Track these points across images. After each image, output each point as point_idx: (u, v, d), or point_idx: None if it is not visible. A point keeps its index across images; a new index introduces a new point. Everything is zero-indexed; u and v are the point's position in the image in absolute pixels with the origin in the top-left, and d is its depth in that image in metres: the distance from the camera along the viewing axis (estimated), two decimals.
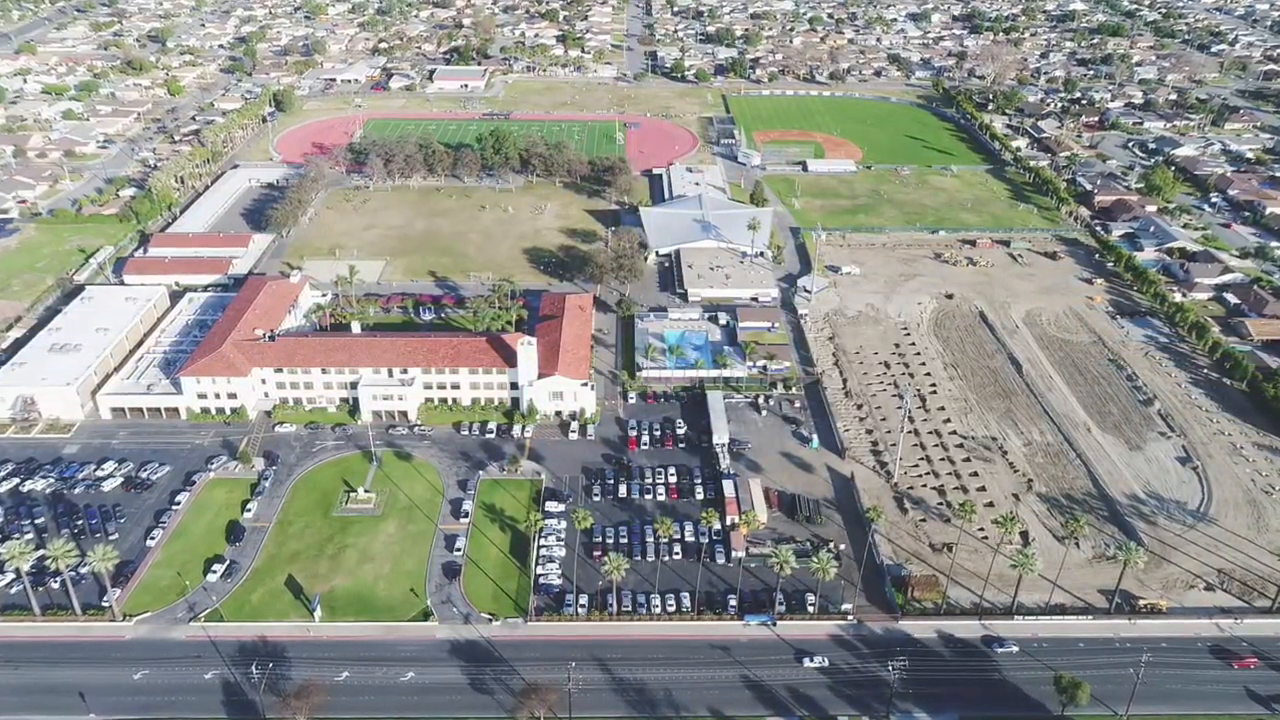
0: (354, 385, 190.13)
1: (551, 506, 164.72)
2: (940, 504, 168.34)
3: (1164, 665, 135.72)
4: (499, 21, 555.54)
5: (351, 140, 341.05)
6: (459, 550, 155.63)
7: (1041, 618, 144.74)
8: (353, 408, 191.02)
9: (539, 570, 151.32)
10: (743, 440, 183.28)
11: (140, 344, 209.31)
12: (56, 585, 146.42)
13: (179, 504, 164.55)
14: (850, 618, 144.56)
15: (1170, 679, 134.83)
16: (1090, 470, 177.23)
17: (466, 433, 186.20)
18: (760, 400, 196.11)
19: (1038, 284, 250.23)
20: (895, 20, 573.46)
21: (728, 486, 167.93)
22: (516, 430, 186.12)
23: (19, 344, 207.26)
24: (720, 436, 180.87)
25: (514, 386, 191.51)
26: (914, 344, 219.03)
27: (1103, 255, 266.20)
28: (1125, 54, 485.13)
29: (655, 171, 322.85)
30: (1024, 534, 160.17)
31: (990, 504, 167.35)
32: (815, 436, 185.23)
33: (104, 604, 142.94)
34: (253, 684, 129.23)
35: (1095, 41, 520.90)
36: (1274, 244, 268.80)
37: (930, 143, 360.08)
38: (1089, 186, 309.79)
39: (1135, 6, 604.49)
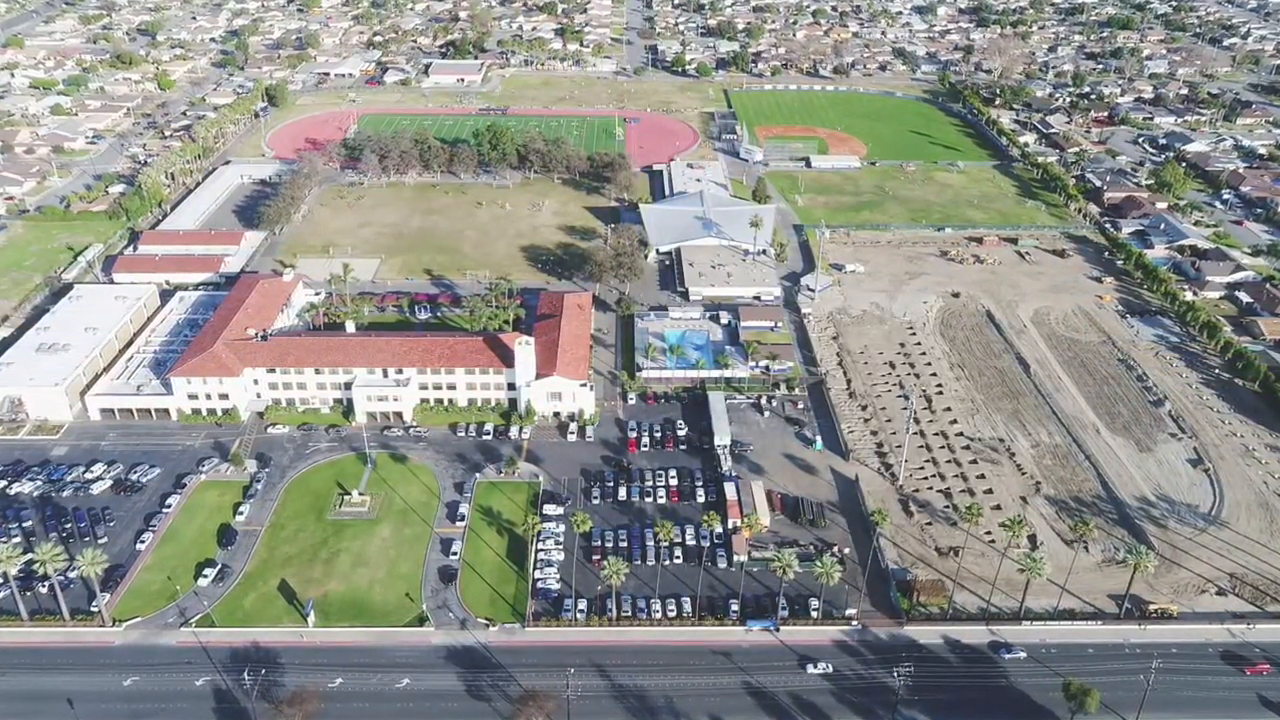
0: (348, 386, 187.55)
1: (550, 509, 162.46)
2: (946, 507, 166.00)
3: (1175, 671, 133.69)
4: (496, 15, 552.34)
5: (345, 136, 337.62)
6: (455, 554, 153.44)
7: (1050, 623, 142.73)
8: (347, 409, 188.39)
9: (537, 574, 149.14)
10: (745, 442, 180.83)
11: (130, 344, 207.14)
12: (44, 590, 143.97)
13: (169, 507, 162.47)
14: (854, 623, 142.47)
15: (1181, 685, 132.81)
16: (1099, 472, 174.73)
17: (463, 434, 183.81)
18: (763, 401, 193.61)
19: (1046, 282, 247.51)
20: (900, 13, 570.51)
21: (729, 489, 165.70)
22: (514, 432, 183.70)
23: (6, 344, 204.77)
24: (722, 438, 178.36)
25: (511, 387, 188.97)
26: (919, 344, 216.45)
27: (1112, 253, 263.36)
28: (1135, 48, 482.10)
29: (655, 168, 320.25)
30: (1032, 537, 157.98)
31: (997, 507, 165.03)
32: (819, 438, 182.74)
33: (93, 609, 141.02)
34: (245, 691, 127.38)
35: (1105, 35, 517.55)
36: None
37: (936, 138, 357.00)
38: (1098, 183, 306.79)
39: None
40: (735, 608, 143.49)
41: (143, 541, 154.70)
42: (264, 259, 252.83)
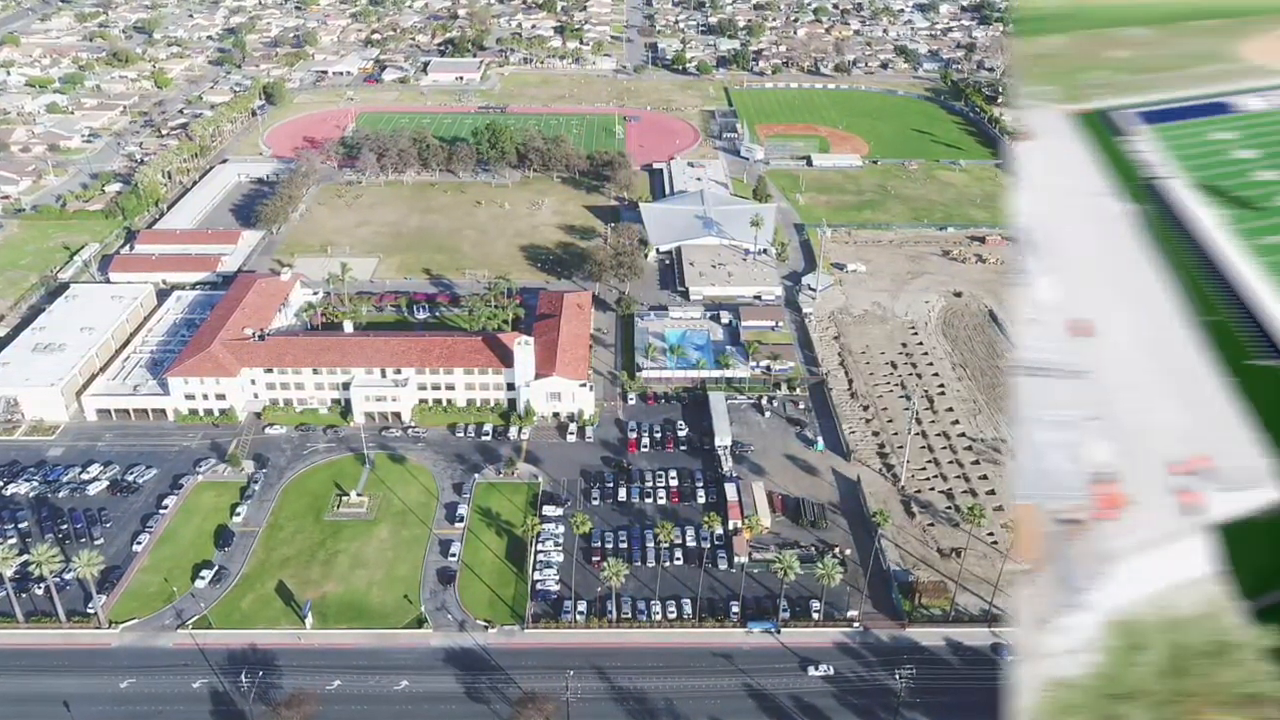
0: (346, 386, 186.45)
1: (549, 510, 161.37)
2: (948, 508, 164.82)
3: None
4: (495, 12, 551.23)
5: (344, 134, 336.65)
6: (454, 555, 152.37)
7: None
8: (345, 409, 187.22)
9: (536, 576, 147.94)
10: (745, 442, 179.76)
11: (126, 344, 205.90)
12: (40, 591, 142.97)
13: (166, 508, 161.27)
14: (856, 625, 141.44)
15: None
16: None
17: (462, 435, 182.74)
18: (763, 401, 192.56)
19: None
20: (902, 11, 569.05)
21: (730, 490, 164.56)
22: (513, 432, 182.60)
23: (2, 343, 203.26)
24: (722, 439, 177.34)
25: (510, 387, 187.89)
26: (921, 343, 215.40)
27: None
28: None
29: (656, 166, 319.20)
30: None
31: (1000, 508, 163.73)
32: (820, 439, 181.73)
33: (89, 611, 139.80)
34: (242, 693, 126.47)
35: None
36: None
37: (938, 136, 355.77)
38: None
39: None
40: (736, 609, 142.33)
41: (139, 543, 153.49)
42: (261, 258, 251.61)
